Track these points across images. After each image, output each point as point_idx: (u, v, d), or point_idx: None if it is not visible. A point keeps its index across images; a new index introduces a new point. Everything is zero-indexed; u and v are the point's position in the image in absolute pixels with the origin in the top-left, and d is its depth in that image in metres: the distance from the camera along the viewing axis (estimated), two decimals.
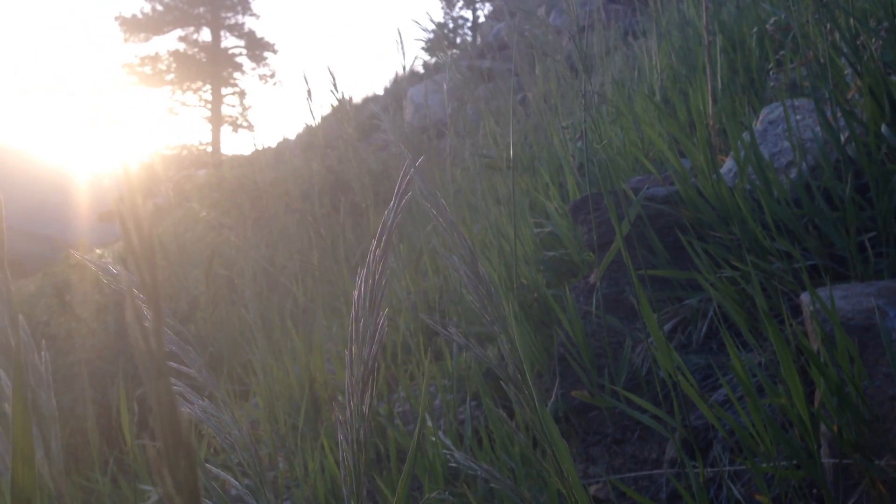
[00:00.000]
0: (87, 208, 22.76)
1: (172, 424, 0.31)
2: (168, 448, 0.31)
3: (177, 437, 0.31)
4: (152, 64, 35.63)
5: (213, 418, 0.85)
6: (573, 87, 3.95)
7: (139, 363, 0.31)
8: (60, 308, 5.90)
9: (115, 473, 2.93)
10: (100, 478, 2.70)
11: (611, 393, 1.91)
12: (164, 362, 0.31)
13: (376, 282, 0.67)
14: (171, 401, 0.31)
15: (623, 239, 1.42)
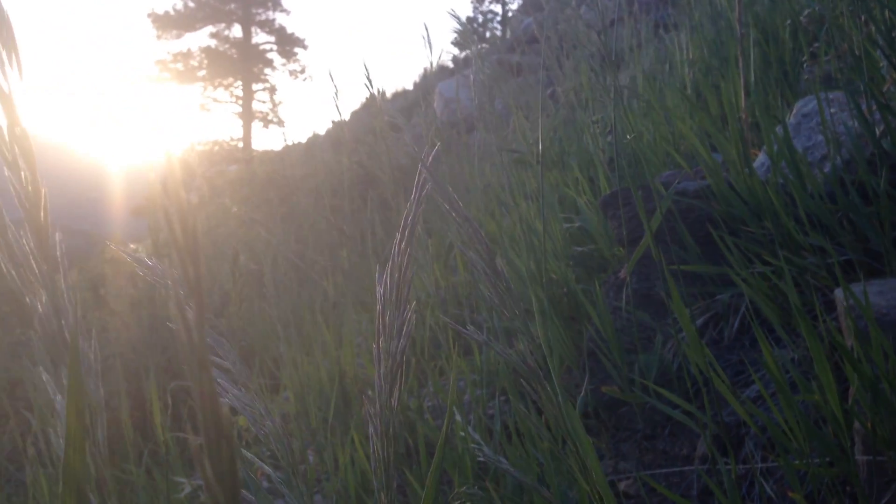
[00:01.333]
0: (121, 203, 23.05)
1: (214, 416, 0.31)
2: (209, 439, 0.31)
3: (218, 429, 0.31)
4: (184, 60, 35.97)
5: (247, 409, 0.86)
6: (603, 81, 3.93)
7: (181, 355, 0.31)
8: (95, 302, 6.00)
9: (149, 465, 2.97)
10: (134, 469, 2.73)
11: (641, 388, 1.90)
12: (206, 354, 0.31)
13: (402, 275, 0.67)
14: (212, 392, 0.31)
15: (653, 234, 1.41)
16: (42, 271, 0.63)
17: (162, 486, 2.69)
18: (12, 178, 0.61)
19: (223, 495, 0.32)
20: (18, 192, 0.61)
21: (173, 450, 2.84)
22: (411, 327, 0.68)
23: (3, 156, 0.60)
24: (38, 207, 0.62)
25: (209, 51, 36.20)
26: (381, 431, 0.66)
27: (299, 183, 7.96)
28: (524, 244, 2.53)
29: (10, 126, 0.59)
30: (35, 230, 0.62)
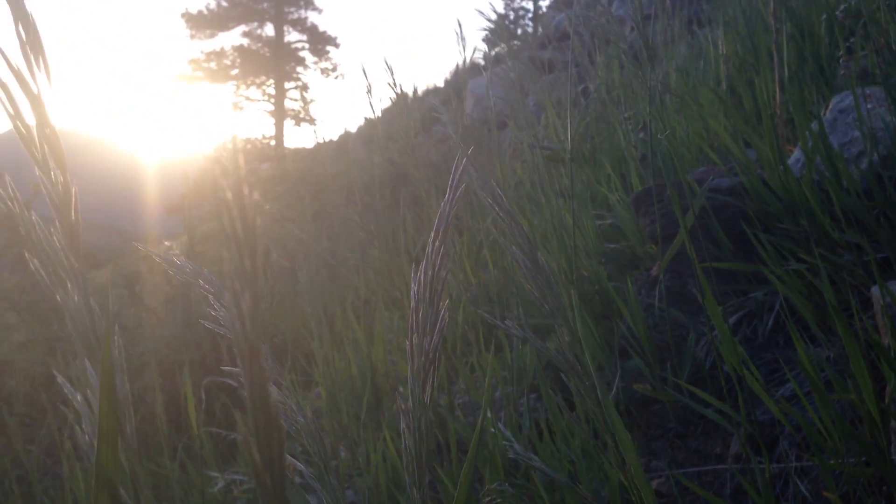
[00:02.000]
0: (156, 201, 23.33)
1: (263, 404, 0.32)
2: (258, 427, 0.32)
3: (267, 417, 0.32)
4: (217, 60, 36.28)
5: (280, 404, 0.87)
6: (636, 78, 3.90)
7: (234, 345, 0.32)
8: (130, 299, 6.07)
9: (184, 460, 3.00)
10: (168, 464, 2.77)
11: (674, 386, 1.89)
12: (258, 344, 0.32)
13: (436, 273, 0.67)
14: (262, 381, 0.32)
15: (687, 231, 1.40)
16: (73, 269, 0.64)
17: (196, 480, 2.72)
18: (43, 178, 0.62)
19: (271, 482, 0.32)
20: (49, 192, 0.63)
21: (207, 445, 2.88)
22: (444, 325, 0.68)
23: (34, 156, 0.61)
24: (68, 206, 0.63)
25: (242, 49, 36.48)
26: (414, 427, 0.67)
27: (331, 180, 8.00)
28: (555, 241, 2.52)
29: (40, 126, 0.60)
30: (66, 229, 0.63)
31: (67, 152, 0.64)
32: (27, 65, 0.58)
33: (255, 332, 0.32)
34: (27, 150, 0.62)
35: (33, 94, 0.59)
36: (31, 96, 0.59)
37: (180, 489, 2.77)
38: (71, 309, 0.65)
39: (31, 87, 0.59)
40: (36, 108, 0.60)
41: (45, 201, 0.65)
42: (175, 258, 0.82)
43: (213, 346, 5.16)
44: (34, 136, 0.61)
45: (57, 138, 0.62)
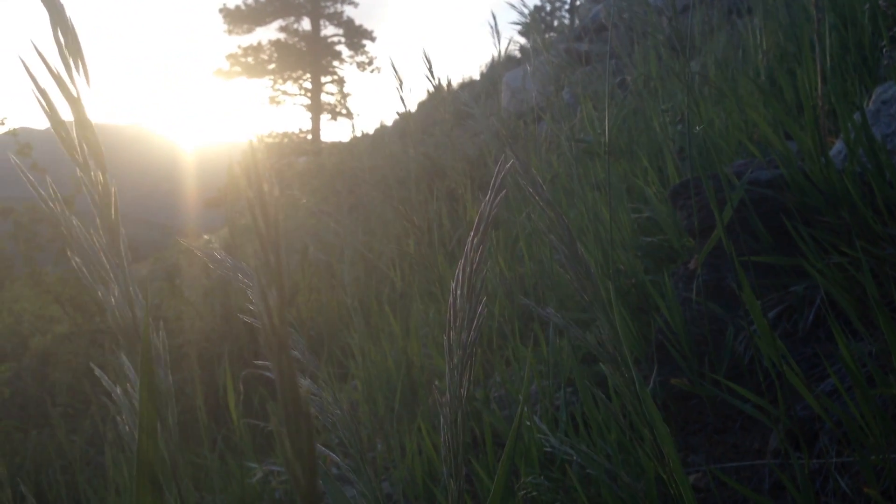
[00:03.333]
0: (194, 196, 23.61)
1: (293, 396, 0.33)
2: (288, 418, 0.33)
3: (297, 408, 0.33)
4: (255, 54, 36.58)
5: (315, 398, 0.88)
6: (673, 69, 3.86)
7: (262, 338, 0.32)
8: (170, 292, 6.15)
9: (223, 451, 3.04)
10: (208, 454, 2.81)
11: (711, 381, 1.88)
12: (286, 338, 0.32)
13: (474, 270, 0.68)
14: (291, 374, 0.32)
15: (725, 224, 1.38)
16: (113, 266, 0.66)
17: (235, 470, 2.75)
18: (84, 178, 0.64)
19: (302, 471, 0.33)
20: (90, 192, 0.64)
21: (245, 436, 2.91)
22: (482, 320, 0.68)
23: (74, 158, 0.63)
24: (108, 206, 0.64)
25: (279, 44, 36.74)
26: (451, 420, 0.67)
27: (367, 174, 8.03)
28: (592, 235, 2.51)
29: (80, 128, 0.62)
30: (107, 227, 0.65)
31: (107, 147, 0.66)
32: (66, 68, 0.59)
33: (283, 326, 0.32)
34: (67, 152, 0.63)
35: (73, 96, 0.60)
36: (70, 99, 0.60)
37: (220, 479, 2.80)
38: (112, 305, 0.66)
39: (71, 91, 0.60)
40: (75, 111, 0.61)
41: (86, 198, 0.67)
42: (215, 252, 0.83)
43: (250, 338, 5.22)
44: (74, 137, 0.62)
45: (96, 139, 0.63)
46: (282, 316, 0.32)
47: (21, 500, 2.76)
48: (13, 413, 4.99)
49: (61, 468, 3.72)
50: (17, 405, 5.11)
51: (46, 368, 5.35)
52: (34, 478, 3.91)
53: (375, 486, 1.02)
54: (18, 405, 5.12)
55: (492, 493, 0.69)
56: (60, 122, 0.61)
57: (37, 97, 0.59)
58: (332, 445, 2.52)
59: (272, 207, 0.32)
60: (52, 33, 0.59)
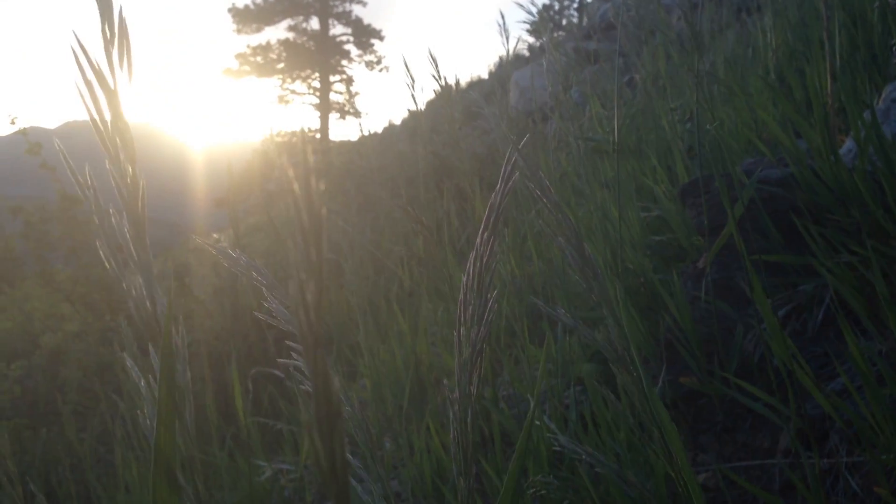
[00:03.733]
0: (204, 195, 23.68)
1: (325, 392, 0.33)
2: (320, 414, 0.33)
3: (329, 404, 0.33)
4: (264, 54, 36.64)
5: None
6: (683, 68, 3.85)
7: (298, 334, 0.32)
8: (180, 290, 6.17)
9: (232, 448, 3.05)
10: (218, 452, 2.82)
11: (721, 380, 1.87)
12: (321, 334, 0.32)
13: (484, 264, 0.68)
14: (325, 370, 0.33)
15: (735, 222, 1.38)
16: (139, 258, 0.66)
17: (244, 468, 2.76)
18: (113, 171, 0.64)
19: (333, 468, 0.33)
20: (118, 184, 0.64)
21: (254, 434, 2.92)
22: (492, 316, 0.68)
23: (107, 149, 0.63)
24: (136, 199, 0.65)
25: (287, 43, 36.79)
26: (461, 418, 0.67)
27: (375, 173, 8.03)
28: (600, 233, 2.51)
29: (115, 120, 0.62)
30: (133, 220, 0.65)
31: None
32: (108, 61, 0.60)
33: (319, 323, 0.33)
34: (101, 143, 0.63)
35: (110, 89, 0.60)
36: (108, 91, 0.60)
37: (229, 477, 2.81)
38: (135, 297, 0.67)
39: (109, 83, 0.60)
40: (112, 103, 0.61)
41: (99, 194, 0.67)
42: (230, 250, 0.83)
43: (259, 337, 5.23)
44: (108, 129, 0.62)
45: (129, 133, 0.64)
46: (318, 312, 0.32)
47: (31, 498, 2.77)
48: (23, 411, 5.02)
49: (71, 466, 3.73)
50: (28, 403, 5.14)
51: (57, 366, 5.37)
52: (44, 476, 3.93)
53: (385, 485, 1.03)
54: (29, 403, 5.14)
55: (503, 490, 0.69)
56: (99, 113, 0.62)
57: (78, 89, 0.60)
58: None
59: (318, 202, 0.32)
60: (100, 26, 0.60)
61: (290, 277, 0.32)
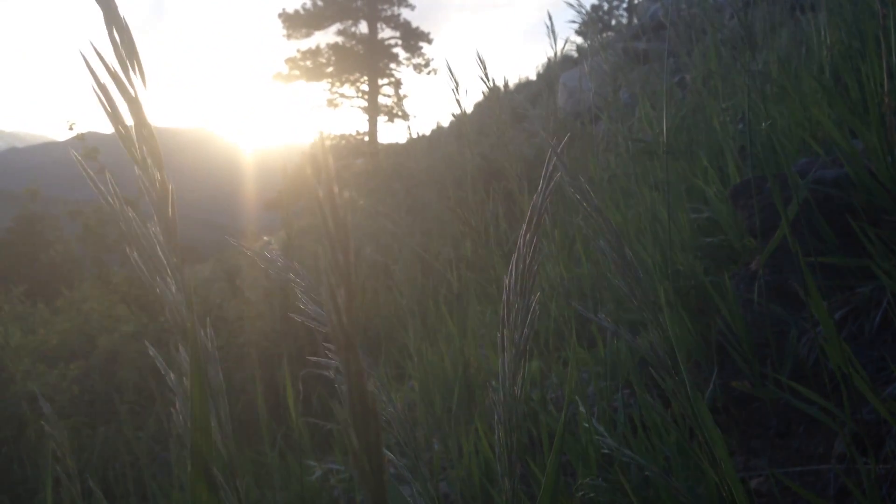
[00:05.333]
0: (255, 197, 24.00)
1: (360, 393, 0.33)
2: (356, 414, 0.33)
3: (364, 404, 0.34)
4: (313, 58, 37.02)
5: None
6: (734, 67, 3.79)
7: (331, 337, 0.33)
8: (231, 292, 6.26)
9: (283, 449, 3.09)
10: (269, 452, 2.85)
11: (774, 384, 1.84)
12: (354, 335, 0.33)
13: (527, 266, 0.68)
14: (359, 371, 0.33)
15: (789, 224, 1.36)
16: (171, 263, 0.67)
17: (295, 468, 2.79)
18: (142, 177, 0.65)
19: (370, 467, 0.34)
20: (148, 189, 0.66)
21: (305, 434, 2.95)
22: (535, 317, 0.68)
23: (134, 156, 0.64)
24: (165, 203, 0.66)
25: (336, 47, 37.11)
26: (505, 418, 0.67)
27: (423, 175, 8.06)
28: (650, 235, 2.49)
29: (138, 127, 0.63)
30: (164, 225, 0.66)
31: (171, 150, 0.67)
32: (122, 69, 0.61)
33: (351, 324, 0.33)
34: (127, 150, 0.65)
35: (131, 96, 0.62)
36: (129, 99, 0.62)
37: (280, 477, 2.84)
38: (169, 301, 0.68)
39: (129, 90, 0.61)
40: (134, 111, 0.63)
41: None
42: (266, 253, 0.84)
43: (309, 338, 5.28)
44: (133, 136, 0.64)
45: (154, 138, 0.65)
46: (350, 315, 0.33)
47: (89, 495, 2.84)
48: (82, 409, 5.14)
49: (128, 464, 3.81)
50: (86, 402, 5.26)
51: (113, 366, 5.50)
52: (102, 473, 4.02)
53: (431, 486, 1.03)
54: (87, 402, 5.27)
55: (542, 489, 0.69)
56: (121, 121, 0.63)
57: (98, 96, 0.61)
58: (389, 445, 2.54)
59: (342, 208, 0.32)
60: (107, 32, 0.61)
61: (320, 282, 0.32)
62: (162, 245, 0.67)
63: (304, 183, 16.53)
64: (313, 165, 0.32)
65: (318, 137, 0.84)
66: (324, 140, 0.35)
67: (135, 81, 0.62)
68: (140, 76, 0.62)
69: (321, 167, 0.32)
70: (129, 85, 0.61)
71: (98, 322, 6.26)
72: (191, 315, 0.67)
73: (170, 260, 0.67)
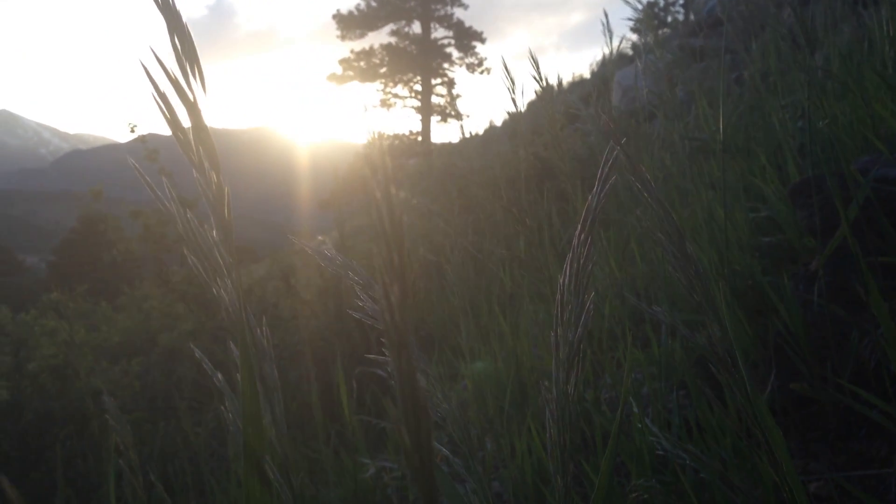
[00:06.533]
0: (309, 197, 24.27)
1: (412, 390, 0.34)
2: (407, 411, 0.34)
3: (415, 402, 0.34)
4: (367, 59, 37.31)
5: (427, 393, 0.90)
6: (794, 63, 3.72)
7: (384, 335, 0.34)
8: (286, 291, 6.34)
9: (337, 446, 3.12)
10: (323, 449, 2.88)
11: (834, 386, 1.80)
12: (407, 334, 0.34)
13: (581, 265, 0.68)
14: (411, 369, 0.34)
15: (849, 223, 1.33)
16: (227, 263, 0.69)
17: (348, 466, 2.82)
18: (200, 179, 0.67)
19: (420, 463, 0.34)
20: (205, 191, 0.67)
21: (358, 432, 2.98)
22: (589, 316, 0.68)
23: (191, 159, 0.66)
24: (222, 204, 0.68)
25: (390, 48, 37.34)
26: (558, 417, 0.67)
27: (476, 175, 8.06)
28: (706, 235, 2.45)
29: (196, 131, 0.65)
30: (220, 226, 0.68)
31: (229, 152, 0.69)
32: (183, 73, 0.63)
33: (404, 323, 0.34)
34: (185, 153, 0.66)
35: (190, 101, 0.63)
36: (187, 103, 0.63)
37: (334, 474, 2.88)
38: (226, 301, 0.69)
39: (188, 95, 0.63)
40: (192, 114, 0.64)
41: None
42: (326, 251, 0.85)
43: (362, 337, 5.32)
44: (191, 139, 0.66)
45: (211, 141, 0.66)
46: (403, 313, 0.34)
47: (150, 488, 2.91)
48: (143, 405, 5.27)
49: (187, 459, 3.89)
50: (147, 398, 5.39)
51: (173, 364, 5.61)
52: (161, 468, 4.11)
53: (486, 485, 1.04)
54: (148, 398, 5.39)
55: (596, 489, 0.69)
56: (179, 125, 0.65)
57: (157, 101, 0.63)
58: (443, 443, 2.54)
59: (398, 208, 0.33)
60: (169, 39, 0.63)
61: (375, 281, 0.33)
62: (218, 246, 0.69)
63: (356, 183, 16.65)
64: (370, 166, 0.32)
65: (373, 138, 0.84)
66: (380, 140, 0.36)
67: (194, 87, 0.63)
68: (200, 82, 0.64)
69: (378, 168, 0.33)
70: (188, 90, 0.63)
71: (158, 320, 6.40)
72: (246, 313, 0.68)
73: (226, 260, 0.69)
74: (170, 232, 6.85)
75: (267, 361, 0.81)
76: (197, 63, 0.64)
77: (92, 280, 8.74)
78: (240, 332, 0.65)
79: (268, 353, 0.81)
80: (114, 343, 6.41)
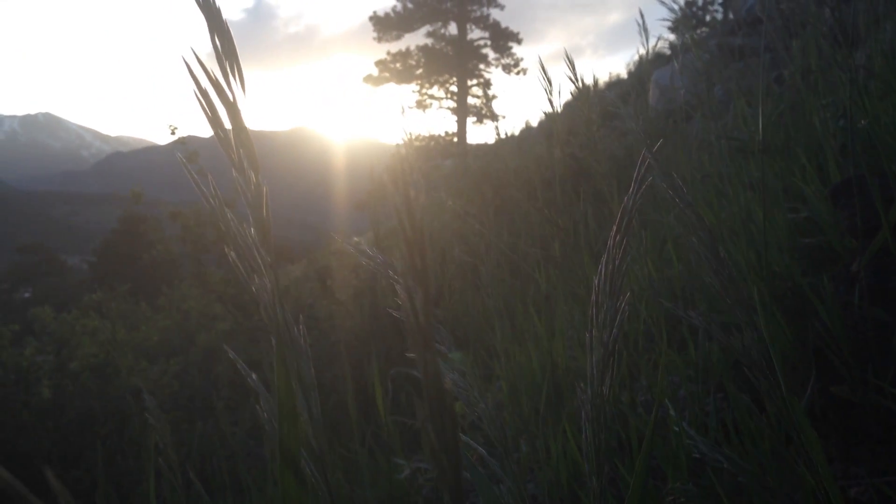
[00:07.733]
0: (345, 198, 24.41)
1: (437, 391, 0.34)
2: (433, 412, 0.34)
3: (441, 402, 0.34)
4: (403, 60, 37.42)
5: (462, 391, 0.90)
6: (835, 62, 3.66)
7: (408, 336, 0.34)
8: (322, 292, 6.38)
9: (372, 446, 3.13)
10: (358, 449, 2.90)
11: (875, 390, 1.77)
12: (432, 336, 0.34)
13: (616, 267, 0.68)
14: (436, 370, 0.34)
15: (891, 225, 1.31)
16: (265, 263, 0.70)
17: (383, 466, 2.83)
18: (239, 179, 0.68)
19: (447, 461, 0.34)
20: (244, 192, 0.68)
21: (393, 432, 2.98)
22: (624, 317, 0.68)
23: (231, 159, 0.67)
24: (260, 205, 0.68)
25: (426, 49, 37.42)
26: (593, 417, 0.67)
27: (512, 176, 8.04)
28: (744, 236, 2.43)
29: (236, 131, 0.66)
30: (258, 226, 0.69)
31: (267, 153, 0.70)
32: (223, 74, 0.64)
33: (428, 325, 0.34)
34: (225, 153, 0.67)
35: (230, 101, 0.64)
36: (227, 104, 0.64)
37: (369, 474, 2.89)
38: (264, 300, 0.70)
39: (228, 95, 0.64)
40: (232, 115, 0.65)
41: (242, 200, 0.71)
42: (367, 249, 0.86)
43: (397, 337, 5.34)
44: (231, 140, 0.66)
45: (251, 142, 0.67)
46: (427, 315, 0.34)
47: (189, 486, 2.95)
48: (181, 404, 5.33)
49: (224, 457, 3.93)
50: (186, 397, 5.46)
51: (211, 363, 5.68)
52: (199, 466, 4.16)
53: (521, 486, 1.03)
54: (186, 397, 5.46)
55: (630, 490, 0.69)
56: (220, 124, 0.66)
57: (198, 99, 0.64)
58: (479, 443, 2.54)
59: (418, 212, 0.33)
60: (210, 38, 0.64)
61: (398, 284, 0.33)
62: (257, 245, 0.69)
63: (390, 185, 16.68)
64: (391, 173, 0.33)
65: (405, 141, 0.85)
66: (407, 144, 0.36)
67: (234, 87, 0.64)
68: (240, 82, 0.65)
69: (398, 174, 0.33)
70: (228, 91, 0.64)
71: (196, 320, 6.48)
72: (283, 313, 0.69)
73: (264, 259, 0.70)
74: (208, 232, 6.93)
75: (304, 360, 0.82)
76: (237, 62, 0.64)
77: (132, 280, 8.88)
78: (276, 330, 0.66)
79: (305, 351, 0.82)
80: (153, 342, 6.49)
